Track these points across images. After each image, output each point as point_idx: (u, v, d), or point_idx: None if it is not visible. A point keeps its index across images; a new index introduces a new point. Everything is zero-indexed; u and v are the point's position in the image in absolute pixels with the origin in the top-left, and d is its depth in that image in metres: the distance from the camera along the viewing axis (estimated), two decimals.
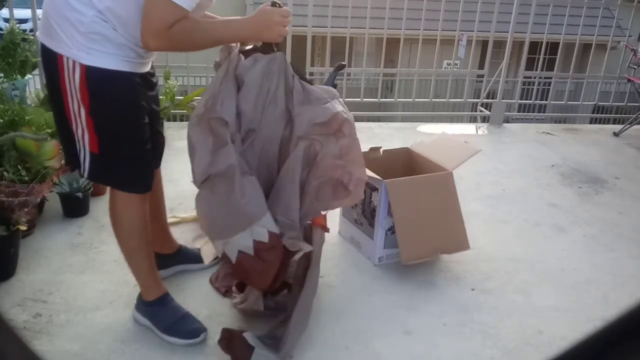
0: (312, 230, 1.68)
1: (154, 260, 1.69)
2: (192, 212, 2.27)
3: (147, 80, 1.54)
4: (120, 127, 1.46)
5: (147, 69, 1.55)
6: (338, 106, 1.57)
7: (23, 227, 1.92)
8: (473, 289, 2.01)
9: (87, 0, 1.33)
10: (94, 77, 1.37)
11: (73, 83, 1.38)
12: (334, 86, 1.71)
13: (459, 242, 2.12)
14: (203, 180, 1.46)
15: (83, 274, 1.97)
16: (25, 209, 1.96)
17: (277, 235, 1.45)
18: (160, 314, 1.67)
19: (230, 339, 1.55)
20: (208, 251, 1.59)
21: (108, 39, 1.36)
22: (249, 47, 1.57)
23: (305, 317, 1.67)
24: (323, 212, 1.67)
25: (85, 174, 1.50)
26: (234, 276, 1.66)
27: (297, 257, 1.55)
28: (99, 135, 1.43)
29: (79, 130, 1.44)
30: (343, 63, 1.89)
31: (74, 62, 1.36)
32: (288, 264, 1.59)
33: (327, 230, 1.75)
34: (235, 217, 1.44)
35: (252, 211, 1.43)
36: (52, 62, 1.40)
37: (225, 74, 1.49)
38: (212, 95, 1.48)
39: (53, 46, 1.38)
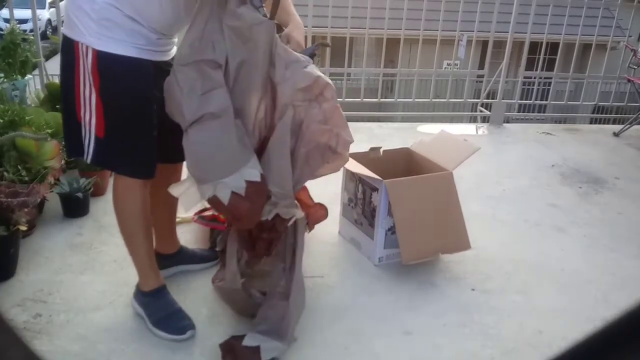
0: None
1: (153, 249, 1.73)
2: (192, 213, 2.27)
3: (163, 71, 1.53)
4: (127, 112, 1.51)
5: (165, 58, 1.57)
6: (317, 70, 1.57)
7: (23, 227, 1.92)
8: (473, 289, 2.01)
9: None
10: (105, 61, 1.44)
11: (86, 67, 1.46)
12: (312, 57, 1.68)
13: (460, 242, 2.12)
14: (194, 120, 1.41)
15: (83, 274, 1.97)
16: (25, 209, 1.96)
17: (263, 176, 1.47)
18: (153, 306, 1.71)
19: (233, 352, 1.55)
20: (189, 200, 1.53)
21: (118, 25, 1.43)
22: None
23: (301, 295, 1.69)
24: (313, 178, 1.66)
25: (89, 159, 1.55)
26: (222, 215, 1.64)
27: (289, 223, 1.58)
28: (106, 119, 1.49)
29: (87, 115, 1.50)
30: (326, 43, 1.88)
31: (87, 47, 1.44)
32: (283, 232, 1.62)
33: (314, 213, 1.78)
34: (230, 158, 1.43)
35: (244, 153, 1.44)
36: (69, 49, 1.48)
37: (210, 13, 1.43)
38: (198, 36, 1.43)
39: (71, 35, 1.47)
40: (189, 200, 1.52)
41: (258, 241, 1.64)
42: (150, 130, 1.55)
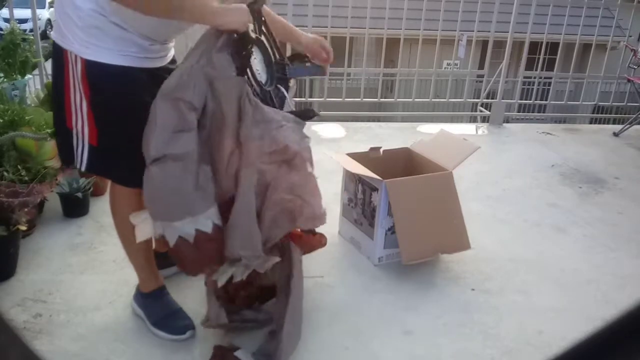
0: (291, 248, 1.67)
1: (151, 251, 1.72)
2: None
3: (157, 77, 1.50)
4: (119, 121, 1.47)
5: (160, 64, 1.54)
6: (291, 134, 1.49)
7: (23, 227, 1.92)
8: (473, 289, 2.01)
9: None
10: (93, 71, 1.41)
11: (76, 76, 1.43)
12: (306, 117, 1.62)
13: (460, 242, 2.12)
14: (156, 158, 1.39)
15: (83, 274, 1.97)
16: (25, 209, 1.96)
17: (220, 229, 1.44)
18: (153, 306, 1.71)
19: (222, 357, 1.54)
20: (143, 231, 1.53)
21: (105, 32, 1.39)
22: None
23: (296, 327, 1.65)
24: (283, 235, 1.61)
25: (83, 167, 1.52)
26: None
27: (263, 269, 1.52)
28: (98, 128, 1.46)
29: (79, 123, 1.47)
30: (305, 57, 1.79)
31: (75, 56, 1.41)
32: (257, 278, 1.58)
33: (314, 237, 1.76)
34: (183, 204, 1.40)
35: (201, 201, 1.41)
36: (59, 57, 1.46)
37: (204, 51, 1.41)
38: (187, 71, 1.40)
39: (60, 42, 1.44)
40: (143, 232, 1.51)
41: (236, 298, 1.65)
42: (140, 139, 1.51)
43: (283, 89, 1.66)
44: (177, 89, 1.39)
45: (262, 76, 1.57)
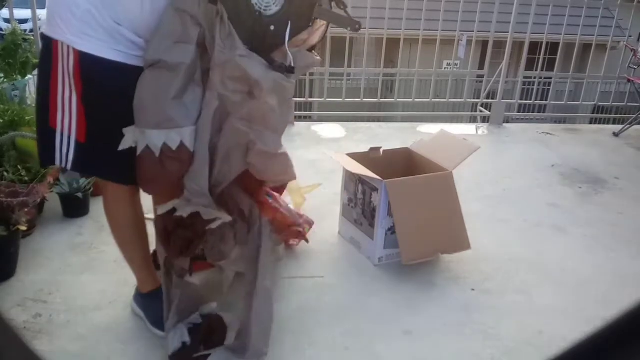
0: (262, 221, 1.64)
1: (149, 252, 1.71)
2: None
3: None
4: (110, 116, 1.44)
5: None
6: (256, 65, 1.40)
7: (23, 227, 1.92)
8: (473, 289, 2.01)
9: None
10: (87, 63, 1.37)
11: (67, 68, 1.38)
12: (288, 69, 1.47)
13: (460, 242, 2.12)
14: (152, 63, 1.37)
15: (83, 274, 1.97)
16: (25, 209, 1.96)
17: (188, 151, 1.40)
18: (152, 306, 1.70)
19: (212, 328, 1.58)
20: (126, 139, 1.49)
21: (101, 25, 1.35)
22: None
23: (266, 309, 1.61)
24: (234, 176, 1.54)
25: (69, 165, 1.46)
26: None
27: (213, 225, 1.48)
28: (88, 122, 1.42)
29: (65, 120, 1.42)
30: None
31: (68, 47, 1.36)
32: (204, 233, 1.51)
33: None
34: (158, 112, 1.37)
35: (178, 116, 1.38)
36: (47, 49, 1.40)
37: None
38: None
39: (50, 33, 1.39)
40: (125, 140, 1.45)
41: (172, 236, 1.52)
42: None
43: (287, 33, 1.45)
44: (185, 1, 1.36)
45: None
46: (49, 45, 1.40)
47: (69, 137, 1.43)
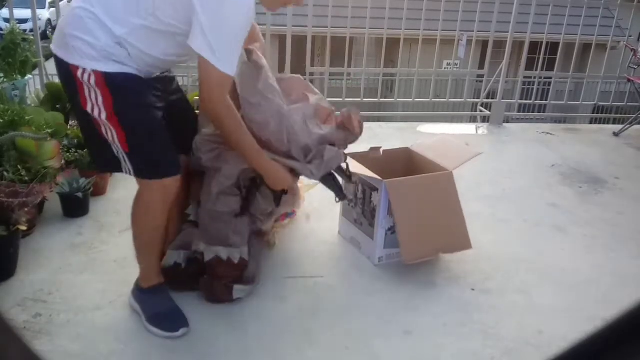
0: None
1: (159, 250, 1.74)
2: None
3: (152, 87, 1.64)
4: (142, 122, 1.55)
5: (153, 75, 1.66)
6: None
7: (23, 227, 1.92)
8: (473, 289, 2.01)
9: (107, 28, 1.44)
10: (112, 80, 1.47)
11: (92, 89, 1.47)
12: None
13: (460, 242, 2.12)
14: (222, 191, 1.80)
15: (83, 274, 1.97)
16: (25, 209, 1.96)
17: (245, 261, 1.83)
18: (150, 302, 1.71)
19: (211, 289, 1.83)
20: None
21: (119, 58, 1.48)
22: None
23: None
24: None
25: (132, 174, 1.58)
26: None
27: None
28: (126, 133, 1.52)
29: (109, 134, 1.53)
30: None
31: (85, 69, 1.46)
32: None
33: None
34: (224, 237, 1.80)
35: (236, 241, 1.81)
36: (67, 74, 1.50)
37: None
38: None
39: (68, 58, 1.48)
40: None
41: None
42: (165, 132, 1.59)
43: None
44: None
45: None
46: (68, 70, 1.48)
47: (119, 149, 1.54)
